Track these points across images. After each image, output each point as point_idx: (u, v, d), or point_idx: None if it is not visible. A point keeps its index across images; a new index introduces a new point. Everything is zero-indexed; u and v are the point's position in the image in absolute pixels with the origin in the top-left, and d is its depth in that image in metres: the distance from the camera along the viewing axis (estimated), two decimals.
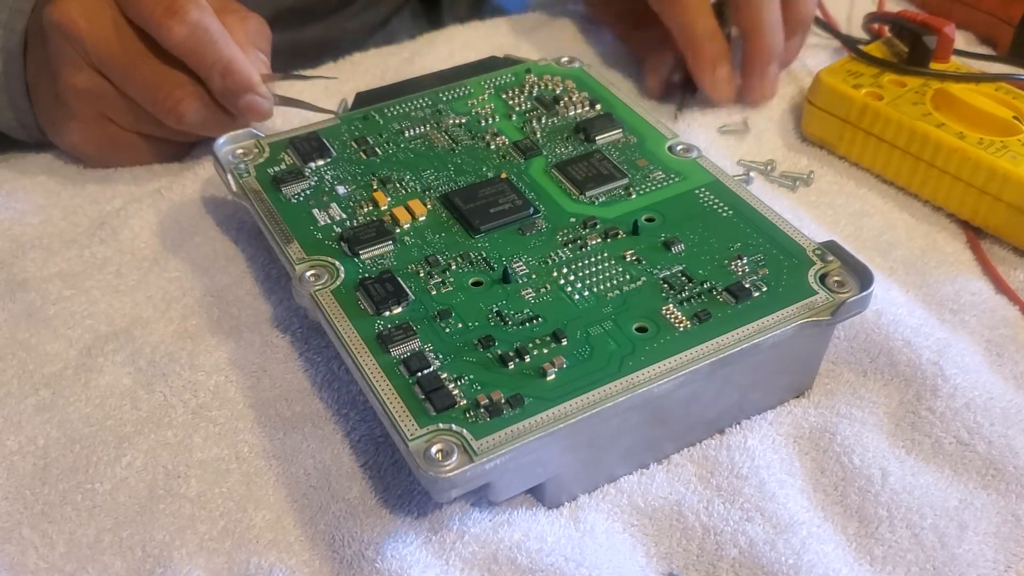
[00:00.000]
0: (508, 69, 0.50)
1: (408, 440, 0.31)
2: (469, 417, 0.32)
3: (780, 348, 0.35)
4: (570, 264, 0.38)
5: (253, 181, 0.42)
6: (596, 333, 0.35)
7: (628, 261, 0.38)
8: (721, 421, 0.37)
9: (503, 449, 0.31)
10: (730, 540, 0.34)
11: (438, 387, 0.32)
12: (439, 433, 0.31)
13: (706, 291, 0.36)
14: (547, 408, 0.32)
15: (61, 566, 0.34)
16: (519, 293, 0.36)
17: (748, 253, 0.38)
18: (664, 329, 0.35)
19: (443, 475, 0.30)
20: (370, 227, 0.39)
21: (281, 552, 0.34)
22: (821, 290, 0.36)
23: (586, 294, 0.36)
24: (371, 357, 0.34)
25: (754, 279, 0.37)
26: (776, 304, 0.36)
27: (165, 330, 0.41)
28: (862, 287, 0.36)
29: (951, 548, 0.34)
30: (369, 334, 0.35)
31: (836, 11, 0.61)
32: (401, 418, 0.32)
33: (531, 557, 0.33)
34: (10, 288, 0.43)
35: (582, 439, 0.33)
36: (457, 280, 0.37)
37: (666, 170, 0.43)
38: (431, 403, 0.32)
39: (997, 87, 0.49)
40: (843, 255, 0.37)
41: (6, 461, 0.37)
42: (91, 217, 0.47)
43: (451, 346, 0.34)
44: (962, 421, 0.37)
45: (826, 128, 0.50)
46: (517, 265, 0.38)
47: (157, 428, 0.38)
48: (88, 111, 0.47)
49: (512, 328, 0.35)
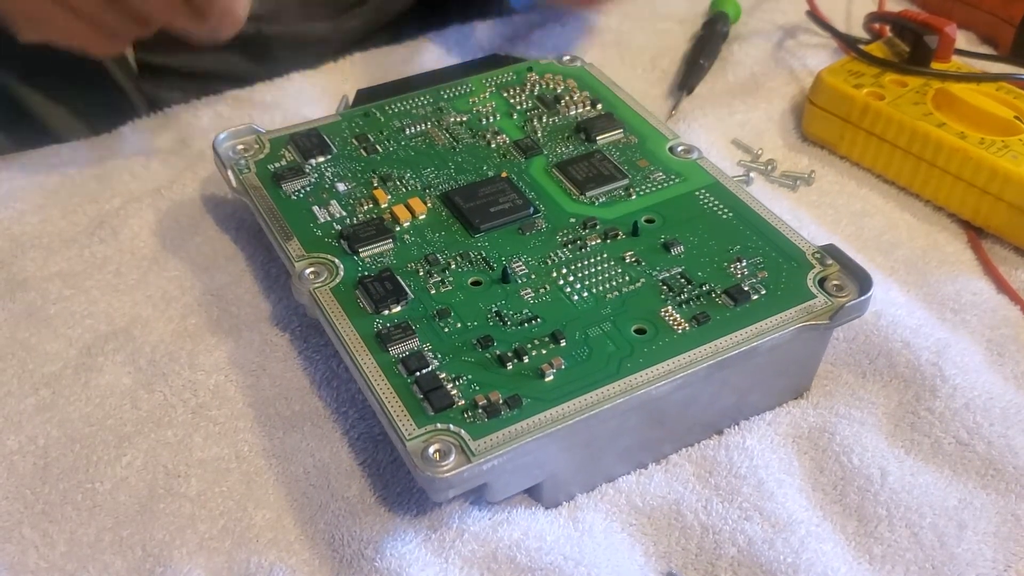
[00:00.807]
0: (510, 67, 0.50)
1: (406, 440, 0.31)
2: (467, 417, 0.32)
3: (778, 351, 0.35)
4: (569, 264, 0.38)
5: (253, 177, 0.42)
6: (595, 334, 0.35)
7: (627, 262, 0.38)
8: (720, 422, 0.37)
9: (501, 450, 0.31)
10: (729, 539, 0.34)
11: (436, 387, 0.32)
12: (437, 433, 0.31)
13: (705, 293, 0.36)
14: (545, 409, 0.32)
15: (62, 565, 0.34)
16: (518, 293, 0.36)
17: (747, 256, 0.38)
18: (663, 331, 0.35)
19: (440, 475, 0.30)
20: (370, 225, 0.39)
21: (281, 551, 0.34)
22: (820, 294, 0.36)
23: (585, 295, 0.36)
24: (369, 356, 0.34)
25: (753, 282, 0.37)
26: (775, 307, 0.35)
27: (165, 329, 0.41)
28: (861, 291, 0.36)
29: (950, 547, 0.34)
30: (368, 333, 0.35)
31: (837, 11, 0.61)
32: (399, 417, 0.32)
33: (530, 556, 0.33)
34: (10, 288, 0.43)
35: (580, 440, 0.33)
36: (456, 279, 0.37)
37: (666, 171, 0.43)
38: (429, 403, 0.32)
39: (998, 87, 0.49)
40: (842, 259, 0.37)
41: (6, 460, 0.37)
42: (90, 216, 0.47)
43: (450, 346, 0.34)
44: (961, 421, 0.37)
45: (827, 128, 0.50)
46: (516, 265, 0.38)
47: (157, 427, 0.38)
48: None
49: (511, 328, 0.35)
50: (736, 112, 0.53)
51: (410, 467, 0.30)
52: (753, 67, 0.56)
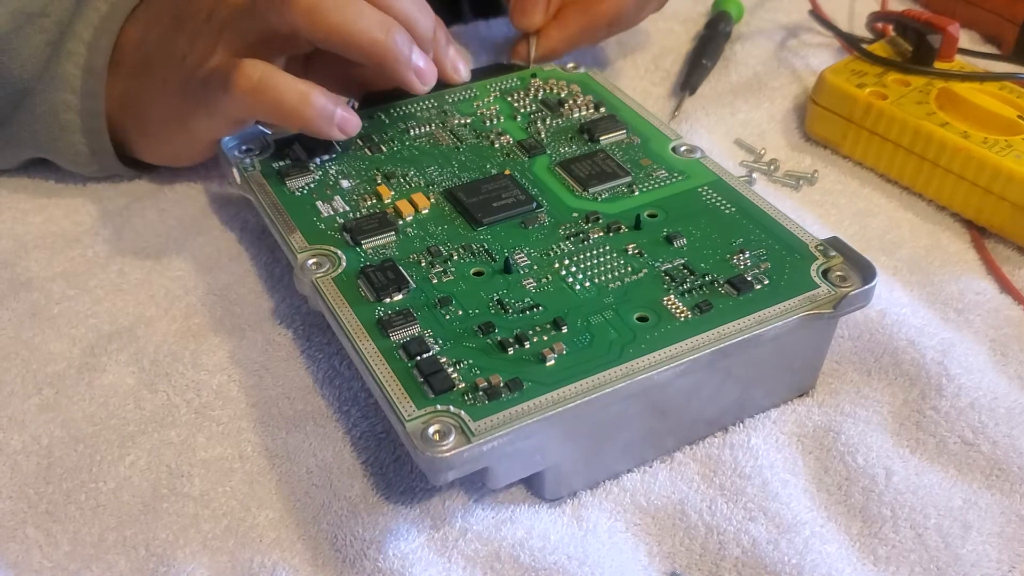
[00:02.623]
0: (514, 74, 0.50)
1: (405, 420, 0.31)
2: (467, 400, 0.32)
3: (781, 341, 0.35)
4: (572, 256, 0.38)
5: (258, 175, 0.42)
6: (597, 322, 0.35)
7: (630, 254, 0.38)
8: (723, 419, 0.37)
9: (501, 431, 0.31)
10: (733, 540, 0.34)
11: (437, 370, 0.32)
12: (437, 415, 0.31)
13: (708, 283, 0.36)
14: (546, 392, 0.32)
15: (65, 565, 0.34)
16: (520, 283, 0.37)
17: (750, 248, 0.38)
18: (665, 319, 0.35)
19: (440, 455, 0.30)
20: (373, 218, 0.39)
21: (284, 551, 0.34)
22: (823, 284, 0.36)
23: (587, 284, 0.36)
24: (370, 342, 0.34)
25: (756, 272, 0.37)
26: (778, 296, 0.36)
27: (168, 329, 0.41)
28: (864, 282, 0.36)
29: (955, 548, 0.34)
30: (369, 320, 0.35)
31: (839, 10, 0.61)
32: (399, 399, 0.32)
33: (533, 555, 0.33)
34: (14, 288, 0.43)
35: (581, 426, 0.33)
36: (458, 270, 0.37)
37: (669, 169, 0.43)
38: (429, 386, 0.32)
39: (1001, 86, 0.48)
40: (845, 250, 0.37)
41: (10, 460, 0.37)
42: (94, 216, 0.47)
43: (451, 332, 0.34)
44: (967, 421, 0.37)
45: (830, 127, 0.50)
46: (519, 256, 0.38)
47: (160, 427, 0.38)
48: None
49: (512, 316, 0.35)
50: (739, 112, 0.53)
51: (409, 448, 0.30)
52: (756, 67, 0.56)
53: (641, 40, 0.58)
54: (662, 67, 0.57)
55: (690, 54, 0.57)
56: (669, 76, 0.56)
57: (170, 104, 0.44)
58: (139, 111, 0.46)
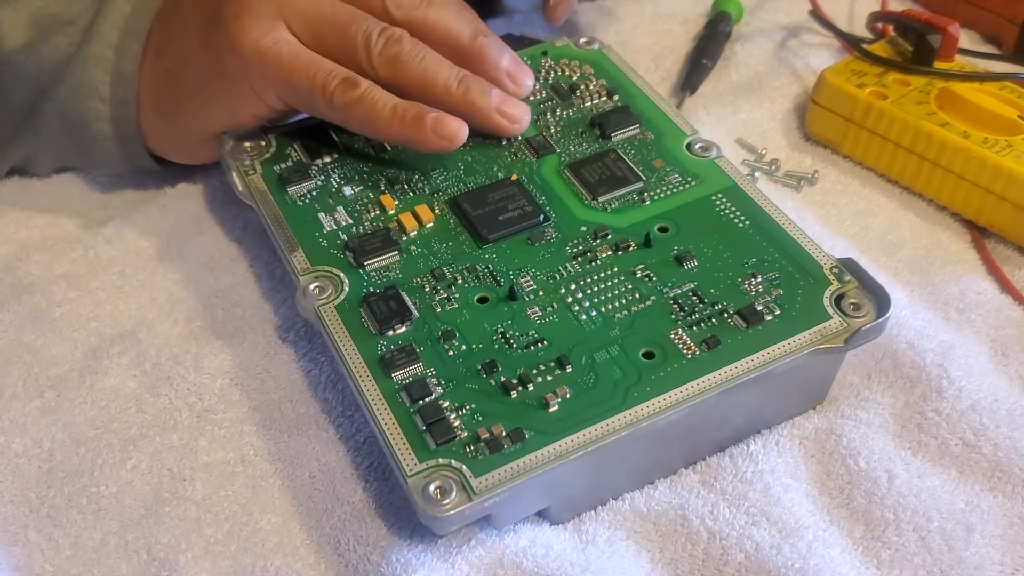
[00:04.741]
0: (524, 51, 0.48)
1: (407, 476, 0.31)
2: (469, 452, 0.32)
3: (791, 374, 0.35)
4: (578, 280, 0.37)
5: (259, 180, 0.42)
6: (602, 359, 0.34)
7: (638, 277, 0.37)
8: (735, 437, 0.37)
9: (502, 488, 0.31)
10: (736, 545, 0.34)
11: (439, 418, 0.32)
12: (438, 469, 0.31)
13: (717, 313, 0.36)
14: (548, 443, 0.32)
15: (67, 569, 0.34)
16: (525, 312, 0.36)
17: (763, 271, 0.37)
18: (672, 356, 0.34)
19: (441, 515, 0.30)
20: (376, 236, 0.39)
21: (287, 556, 0.34)
22: (836, 314, 0.35)
23: (593, 314, 0.36)
24: (373, 383, 0.34)
25: (767, 300, 0.36)
26: (789, 330, 0.35)
27: (170, 332, 0.41)
28: (879, 313, 0.35)
29: (958, 551, 0.34)
30: (372, 357, 0.34)
31: (839, 10, 0.61)
32: (401, 452, 0.32)
33: (536, 562, 0.33)
34: (15, 291, 0.43)
35: (585, 469, 0.33)
36: (463, 296, 0.37)
37: (683, 172, 0.42)
38: (431, 436, 0.32)
39: (1002, 86, 0.48)
40: (861, 275, 0.37)
41: (12, 464, 0.37)
42: (95, 218, 0.47)
43: (453, 371, 0.34)
44: (968, 423, 0.37)
45: (830, 128, 0.50)
46: (524, 280, 0.37)
47: (162, 431, 0.38)
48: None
49: (516, 352, 0.35)
50: (739, 112, 0.53)
51: (412, 503, 0.31)
52: (756, 67, 0.56)
53: (641, 40, 0.58)
54: (662, 67, 0.57)
55: (690, 54, 0.57)
56: (669, 76, 0.56)
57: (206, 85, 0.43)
58: (171, 108, 0.44)
